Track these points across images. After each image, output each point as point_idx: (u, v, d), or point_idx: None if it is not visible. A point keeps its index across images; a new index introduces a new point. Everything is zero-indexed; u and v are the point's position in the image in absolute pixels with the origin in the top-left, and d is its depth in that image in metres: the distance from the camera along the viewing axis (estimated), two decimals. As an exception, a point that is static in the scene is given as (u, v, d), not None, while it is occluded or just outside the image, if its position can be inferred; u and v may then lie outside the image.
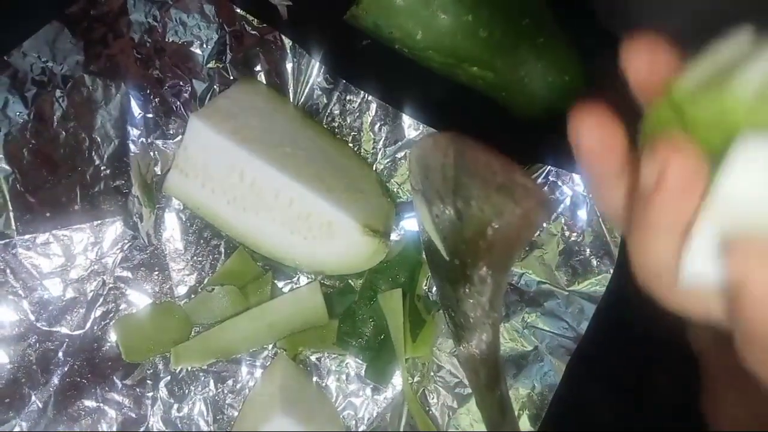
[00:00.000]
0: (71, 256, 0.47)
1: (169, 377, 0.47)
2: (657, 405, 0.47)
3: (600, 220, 0.45)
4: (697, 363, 0.43)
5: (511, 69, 0.42)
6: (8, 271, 0.47)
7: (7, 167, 0.47)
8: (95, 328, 0.47)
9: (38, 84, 0.47)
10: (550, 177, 0.45)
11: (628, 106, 0.21)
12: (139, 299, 0.48)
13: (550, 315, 0.46)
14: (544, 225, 0.45)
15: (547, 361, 0.46)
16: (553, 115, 0.45)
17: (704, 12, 0.39)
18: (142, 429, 0.47)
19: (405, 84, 0.48)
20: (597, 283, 0.45)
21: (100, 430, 0.46)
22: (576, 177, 0.45)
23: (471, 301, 0.38)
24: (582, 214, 0.45)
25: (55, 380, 0.46)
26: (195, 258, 0.48)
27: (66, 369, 0.47)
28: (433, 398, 0.47)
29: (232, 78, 0.48)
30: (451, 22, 0.40)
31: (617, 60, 0.21)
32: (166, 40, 0.48)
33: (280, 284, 0.48)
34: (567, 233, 0.45)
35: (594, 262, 0.45)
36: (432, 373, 0.47)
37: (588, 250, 0.45)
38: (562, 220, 0.45)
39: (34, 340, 0.47)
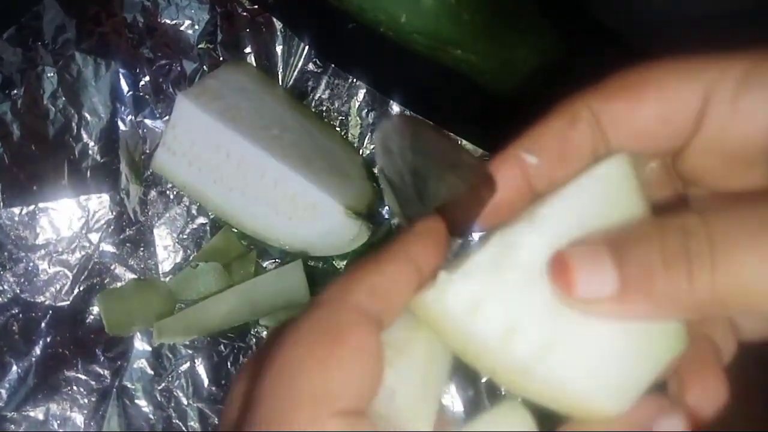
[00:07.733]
0: (57, 229, 0.48)
1: (150, 351, 0.48)
2: None
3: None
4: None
5: (494, 52, 0.43)
6: (-7, 242, 0.47)
7: (-4, 142, 0.47)
8: (79, 301, 0.48)
9: (30, 60, 0.48)
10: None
11: None
12: (123, 274, 0.48)
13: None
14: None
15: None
16: (536, 99, 0.46)
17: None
18: (122, 401, 0.47)
19: (391, 68, 0.48)
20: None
21: (80, 400, 0.46)
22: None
23: None
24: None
25: (37, 350, 0.47)
26: (180, 235, 0.49)
27: (48, 340, 0.47)
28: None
29: (221, 59, 0.49)
30: (435, 6, 0.41)
31: (599, 44, 0.22)
32: (159, 20, 0.49)
33: (264, 263, 0.49)
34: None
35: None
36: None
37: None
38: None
39: (17, 311, 0.47)
